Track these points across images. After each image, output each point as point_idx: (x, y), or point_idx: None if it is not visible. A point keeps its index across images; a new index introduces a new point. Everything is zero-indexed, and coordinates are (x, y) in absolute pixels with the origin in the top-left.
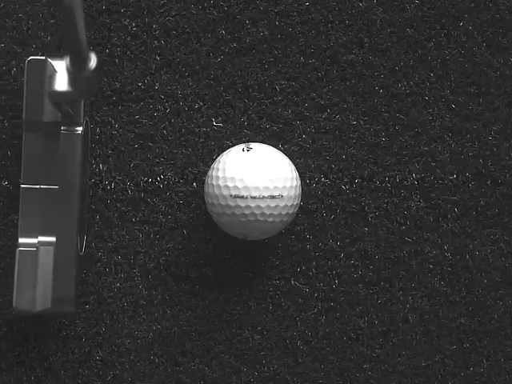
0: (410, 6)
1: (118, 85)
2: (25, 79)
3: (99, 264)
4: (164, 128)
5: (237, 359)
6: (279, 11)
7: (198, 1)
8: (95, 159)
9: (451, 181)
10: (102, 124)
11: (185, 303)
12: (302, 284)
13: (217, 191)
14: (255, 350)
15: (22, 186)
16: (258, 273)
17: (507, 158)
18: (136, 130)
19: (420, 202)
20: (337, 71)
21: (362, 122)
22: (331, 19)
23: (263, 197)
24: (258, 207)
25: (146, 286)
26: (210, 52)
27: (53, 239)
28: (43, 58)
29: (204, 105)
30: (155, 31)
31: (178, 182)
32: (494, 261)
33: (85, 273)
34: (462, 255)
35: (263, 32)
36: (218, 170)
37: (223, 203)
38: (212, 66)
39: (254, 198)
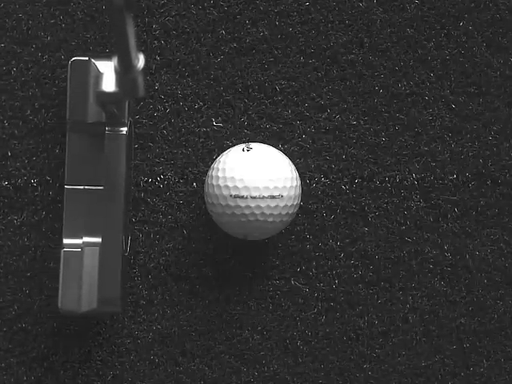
0: (409, 6)
1: None
2: (68, 80)
3: None
4: (164, 128)
5: (237, 359)
6: (279, 11)
7: (198, 1)
8: None
9: (451, 181)
10: None
11: (185, 303)
12: (302, 284)
13: (217, 191)
14: (255, 349)
15: (66, 186)
16: (258, 273)
17: (507, 158)
18: (136, 130)
19: (420, 202)
20: (337, 71)
21: (361, 121)
22: (331, 19)
23: (263, 197)
24: (258, 207)
25: (145, 286)
26: (210, 52)
27: (98, 240)
28: (86, 58)
29: (204, 105)
30: (155, 31)
31: (178, 182)
32: (494, 261)
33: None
34: (462, 255)
35: (263, 32)
36: (217, 170)
37: (223, 203)
38: (212, 66)
39: (254, 198)
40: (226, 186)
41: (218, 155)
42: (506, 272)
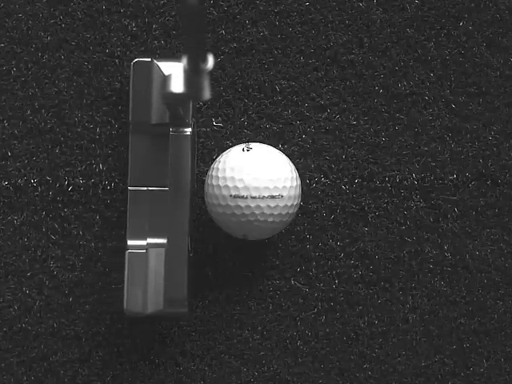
0: (409, 6)
1: (118, 85)
2: (131, 81)
3: (99, 264)
4: None
5: (237, 359)
6: (279, 11)
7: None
8: (95, 159)
9: (451, 181)
10: (102, 124)
11: None
12: (302, 284)
13: (217, 191)
14: (255, 349)
15: (130, 188)
16: (258, 273)
17: (507, 158)
18: None
19: (420, 202)
20: (337, 71)
21: (361, 121)
22: (331, 19)
23: (263, 197)
24: (258, 207)
25: None
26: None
27: (162, 241)
28: (149, 59)
29: (204, 105)
30: (155, 31)
31: None
32: (494, 261)
33: (84, 272)
34: (462, 255)
35: (263, 32)
36: (217, 170)
37: (223, 203)
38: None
39: (254, 198)
40: (226, 186)
41: (218, 155)
42: (506, 272)
